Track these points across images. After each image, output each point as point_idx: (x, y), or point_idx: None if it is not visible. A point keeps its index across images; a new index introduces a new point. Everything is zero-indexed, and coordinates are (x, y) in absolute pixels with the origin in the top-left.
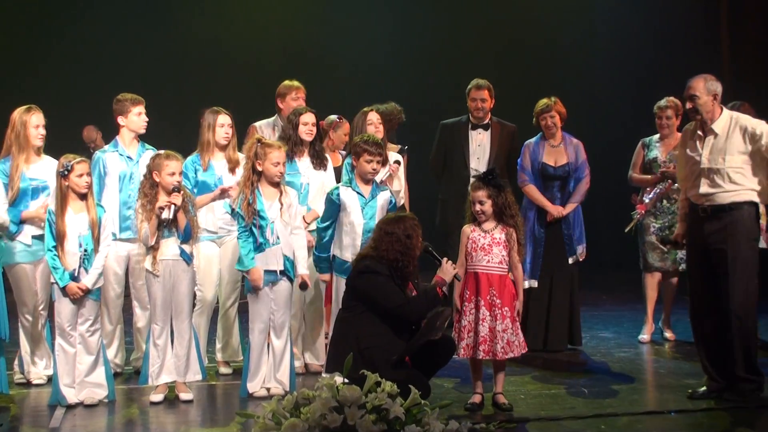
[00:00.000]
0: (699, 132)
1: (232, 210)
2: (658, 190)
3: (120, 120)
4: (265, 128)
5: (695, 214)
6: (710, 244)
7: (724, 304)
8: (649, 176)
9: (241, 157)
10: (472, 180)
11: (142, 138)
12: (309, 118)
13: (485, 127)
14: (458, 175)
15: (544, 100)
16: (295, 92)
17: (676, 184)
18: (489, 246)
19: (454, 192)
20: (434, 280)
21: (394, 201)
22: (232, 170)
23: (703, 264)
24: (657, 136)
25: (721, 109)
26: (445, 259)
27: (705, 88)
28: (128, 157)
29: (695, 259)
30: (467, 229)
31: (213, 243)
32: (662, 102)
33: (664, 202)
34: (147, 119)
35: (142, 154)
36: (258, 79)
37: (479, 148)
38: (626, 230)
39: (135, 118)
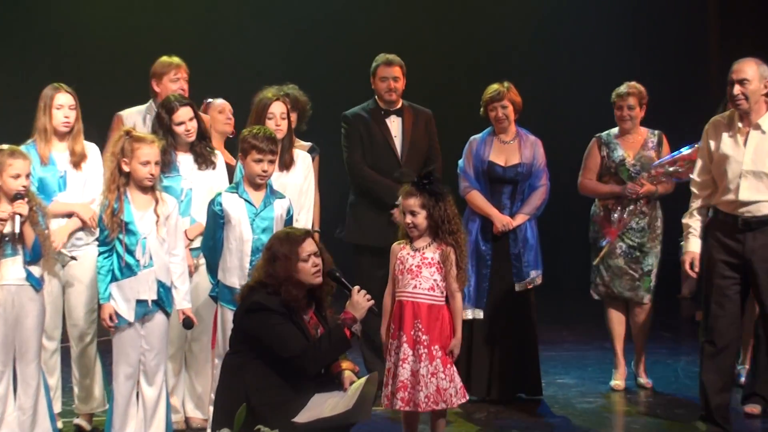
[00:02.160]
0: (739, 124)
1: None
2: (631, 207)
3: None
4: (134, 118)
5: (725, 227)
6: (752, 263)
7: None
8: (609, 186)
9: (87, 146)
10: (404, 186)
11: None
12: (184, 114)
13: (398, 113)
14: (387, 173)
15: (495, 86)
16: (174, 71)
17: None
18: (417, 267)
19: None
20: (341, 318)
21: (292, 212)
22: (76, 165)
23: (738, 287)
24: (615, 130)
25: (766, 104)
26: (356, 288)
27: (758, 73)
28: None
29: (726, 281)
30: (396, 247)
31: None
32: (622, 88)
33: (636, 220)
34: None
35: None
36: (127, 55)
37: (396, 140)
38: (594, 263)
39: None
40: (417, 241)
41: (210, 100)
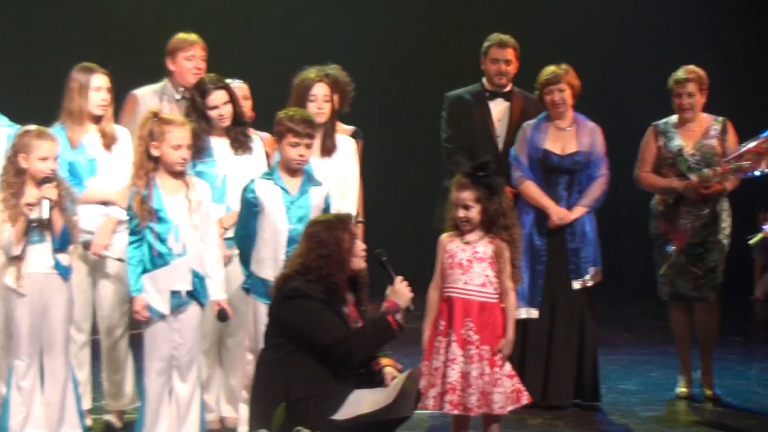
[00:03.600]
0: None
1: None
2: (696, 209)
3: None
4: (149, 98)
5: None
6: None
7: None
8: (666, 180)
9: (118, 129)
10: (457, 177)
11: None
12: (219, 98)
13: (506, 97)
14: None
15: (551, 68)
16: (189, 49)
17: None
18: (468, 262)
19: None
20: (384, 306)
21: (330, 201)
22: (107, 147)
23: None
24: (674, 118)
25: None
26: (399, 278)
27: None
28: None
29: None
30: (445, 238)
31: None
32: (680, 73)
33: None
34: None
35: None
36: (138, 30)
37: (498, 124)
38: (661, 272)
39: None
40: (468, 235)
41: (228, 81)
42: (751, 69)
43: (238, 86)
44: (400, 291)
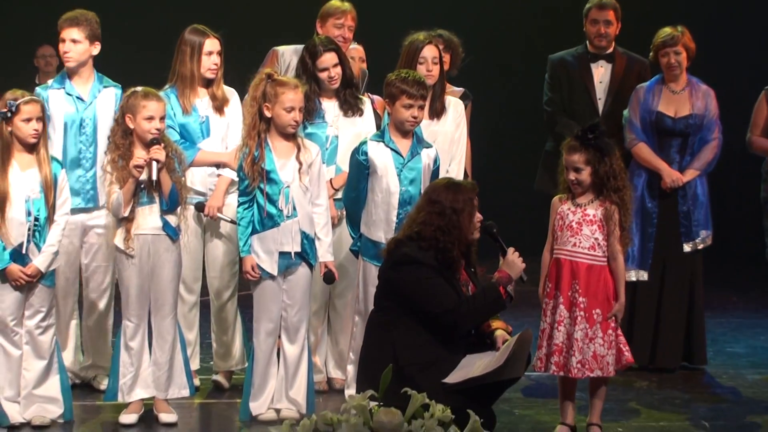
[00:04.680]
0: None
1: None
2: None
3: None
4: (289, 56)
5: None
6: None
7: None
8: None
9: (228, 92)
10: (567, 140)
11: (101, 71)
12: (329, 60)
13: (608, 59)
14: (582, 123)
15: (668, 30)
16: (340, 16)
17: None
18: (578, 225)
19: None
20: (496, 277)
21: (439, 162)
22: (219, 109)
23: None
24: None
25: None
26: (512, 249)
27: None
28: (78, 97)
29: None
30: (557, 201)
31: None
32: None
33: None
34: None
35: (98, 93)
36: None
37: (600, 86)
38: None
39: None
40: (579, 197)
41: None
42: None
43: (354, 48)
44: (513, 262)
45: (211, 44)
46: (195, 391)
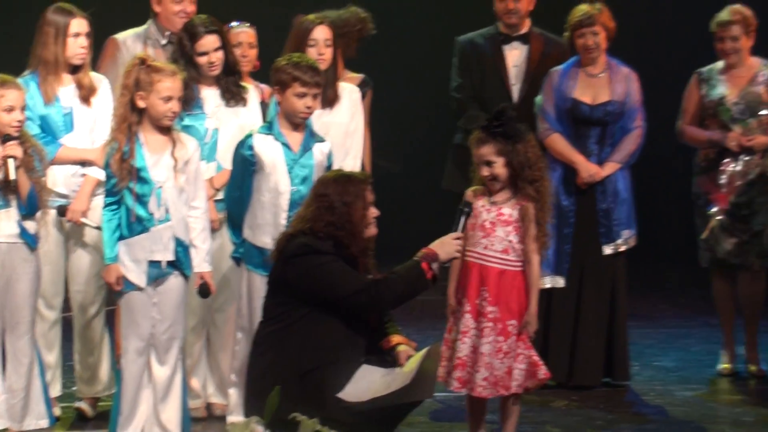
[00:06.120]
0: None
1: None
2: (740, 165)
3: None
4: (131, 43)
5: None
6: None
7: None
8: (708, 133)
9: (96, 79)
10: (474, 132)
11: None
12: (210, 43)
13: (523, 40)
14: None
15: (584, 8)
16: None
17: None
18: (491, 225)
19: None
20: (422, 252)
21: (332, 159)
22: (85, 100)
23: None
24: (720, 65)
25: None
26: (456, 233)
27: None
28: None
29: None
30: (470, 194)
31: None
32: (724, 15)
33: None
34: None
35: None
36: None
37: (514, 70)
38: (702, 236)
39: None
40: (496, 195)
41: (235, 24)
42: None
43: (244, 31)
44: (448, 244)
45: (78, 25)
46: (55, 421)
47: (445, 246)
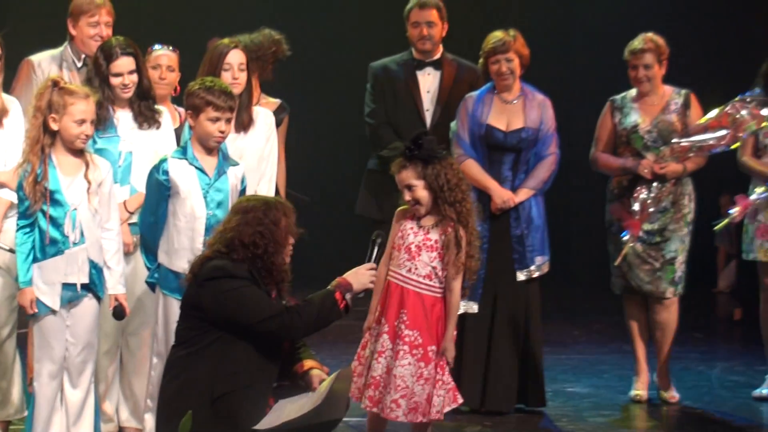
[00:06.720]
0: None
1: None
2: (652, 192)
3: None
4: (46, 65)
5: None
6: None
7: None
8: (621, 160)
9: (8, 100)
10: (397, 159)
11: None
12: (125, 65)
13: (436, 66)
14: (408, 136)
15: (498, 35)
16: (93, 13)
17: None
18: (417, 249)
19: None
20: (336, 282)
21: (246, 183)
22: None
23: None
24: (633, 92)
25: None
26: (370, 264)
27: None
28: None
29: None
30: (400, 214)
31: None
32: (637, 43)
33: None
34: None
35: None
36: None
37: (427, 96)
38: (616, 263)
39: None
40: (424, 219)
41: (158, 46)
42: (719, 35)
43: (165, 54)
44: (362, 274)
45: None
46: None
47: (359, 276)
